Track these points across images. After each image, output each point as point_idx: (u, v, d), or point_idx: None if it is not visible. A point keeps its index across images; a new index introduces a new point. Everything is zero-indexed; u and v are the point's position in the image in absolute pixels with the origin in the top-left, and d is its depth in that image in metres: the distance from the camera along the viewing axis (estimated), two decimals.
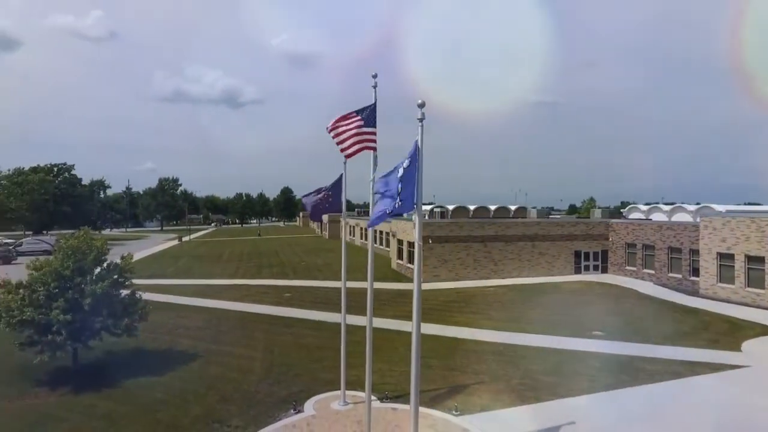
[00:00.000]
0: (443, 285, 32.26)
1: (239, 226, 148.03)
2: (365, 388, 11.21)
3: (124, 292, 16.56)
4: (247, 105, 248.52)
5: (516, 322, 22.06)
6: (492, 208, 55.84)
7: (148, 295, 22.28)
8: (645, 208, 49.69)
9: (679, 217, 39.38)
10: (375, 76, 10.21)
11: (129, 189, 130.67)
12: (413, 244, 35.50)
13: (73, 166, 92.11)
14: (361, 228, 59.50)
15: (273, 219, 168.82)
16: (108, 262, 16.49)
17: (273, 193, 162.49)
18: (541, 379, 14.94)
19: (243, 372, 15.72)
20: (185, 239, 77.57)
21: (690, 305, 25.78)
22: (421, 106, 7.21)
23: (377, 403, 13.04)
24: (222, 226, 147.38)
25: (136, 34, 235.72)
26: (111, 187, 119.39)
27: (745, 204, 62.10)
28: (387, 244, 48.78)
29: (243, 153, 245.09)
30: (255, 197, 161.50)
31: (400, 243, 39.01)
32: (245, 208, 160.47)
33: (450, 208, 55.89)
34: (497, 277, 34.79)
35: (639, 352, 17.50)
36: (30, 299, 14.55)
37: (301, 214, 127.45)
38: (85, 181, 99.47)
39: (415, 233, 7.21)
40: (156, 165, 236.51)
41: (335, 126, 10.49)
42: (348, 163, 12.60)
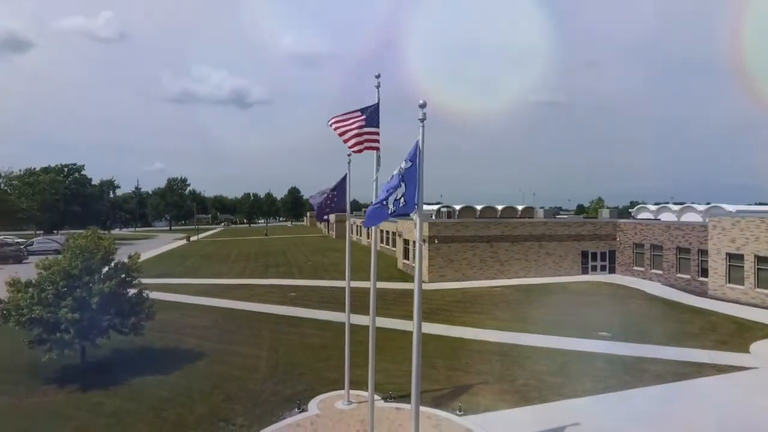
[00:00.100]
0: (449, 285, 32.22)
1: (247, 225, 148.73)
2: (368, 386, 11.22)
3: (131, 291, 16.74)
4: (255, 105, 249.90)
5: (521, 322, 22.00)
6: (499, 208, 55.74)
7: (156, 294, 22.47)
8: (654, 207, 49.36)
9: (689, 217, 39.05)
10: (378, 76, 10.23)
11: (138, 189, 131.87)
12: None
13: (83, 166, 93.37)
14: (368, 227, 59.50)
15: (281, 219, 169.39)
16: (116, 261, 16.69)
17: (280, 193, 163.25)
18: (546, 380, 14.89)
19: (248, 371, 15.81)
20: (193, 239, 78.10)
21: (698, 306, 25.55)
22: (422, 106, 7.23)
23: (381, 403, 13.08)
24: (230, 225, 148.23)
25: (145, 35, 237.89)
26: (120, 187, 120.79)
27: (756, 204, 61.50)
28: (393, 243, 48.80)
29: (251, 153, 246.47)
30: (263, 197, 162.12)
31: (406, 243, 39.01)
32: (253, 208, 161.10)
33: (457, 208, 55.85)
34: (503, 278, 34.68)
35: (645, 353, 17.39)
36: (39, 298, 14.71)
37: (309, 214, 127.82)
38: (95, 181, 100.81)
39: (416, 233, 7.23)
40: (165, 165, 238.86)
41: (336, 123, 10.51)
42: (352, 163, 12.68)
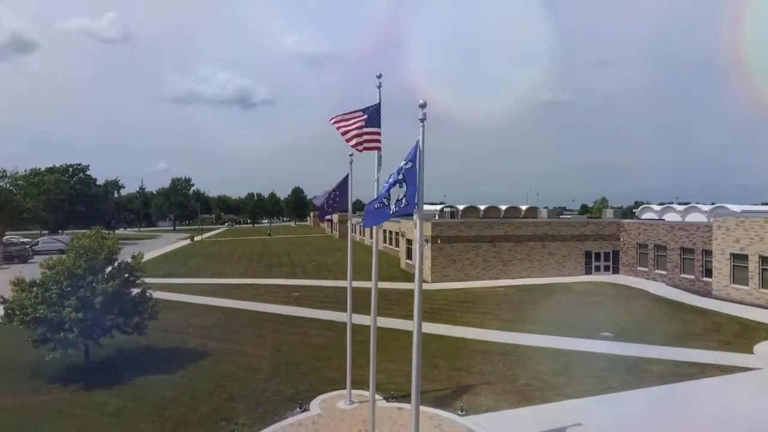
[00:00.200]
0: (452, 285, 32.20)
1: (251, 225, 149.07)
2: (369, 386, 11.24)
3: (134, 290, 16.82)
4: (259, 105, 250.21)
5: (524, 322, 21.96)
6: (502, 208, 55.61)
7: (160, 294, 22.56)
8: (658, 208, 49.08)
9: (693, 218, 38.84)
10: (379, 76, 10.25)
11: (142, 189, 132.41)
12: (422, 243, 35.59)
13: (88, 166, 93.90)
14: (371, 227, 59.54)
15: (284, 219, 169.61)
16: (119, 261, 16.77)
17: (284, 193, 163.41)
18: (549, 380, 14.87)
19: (251, 370, 15.86)
20: (197, 239, 78.34)
21: (702, 306, 25.44)
22: (423, 106, 7.24)
23: (383, 403, 13.10)
24: (234, 225, 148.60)
25: (149, 35, 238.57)
26: (125, 187, 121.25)
27: (762, 204, 61.09)
28: (396, 243, 48.80)
29: (255, 153, 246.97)
30: (266, 197, 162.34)
31: (409, 243, 39.00)
32: (257, 208, 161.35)
33: (460, 207, 55.77)
34: (506, 278, 34.63)
35: (648, 353, 17.33)
36: (43, 297, 14.82)
37: (312, 214, 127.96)
38: (100, 182, 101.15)
39: (416, 233, 7.24)
40: (169, 165, 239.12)
41: (338, 123, 10.55)
42: (355, 163, 12.71)
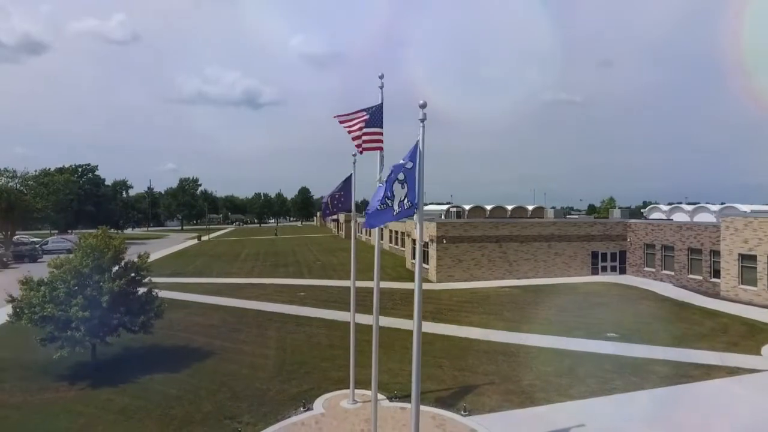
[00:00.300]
0: (457, 285, 32.16)
1: (257, 225, 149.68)
2: (372, 386, 11.27)
3: (141, 289, 16.97)
4: (267, 106, 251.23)
5: (529, 323, 21.90)
6: (509, 208, 55.42)
7: (166, 293, 22.72)
8: (666, 208, 48.66)
9: (702, 218, 38.47)
10: (381, 76, 10.29)
11: (151, 189, 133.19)
12: (428, 243, 35.59)
13: (97, 166, 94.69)
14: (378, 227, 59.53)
15: (291, 219, 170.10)
16: (125, 260, 16.92)
17: (291, 193, 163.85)
18: (553, 381, 14.82)
19: (255, 369, 15.95)
20: (204, 239, 78.78)
21: (709, 307, 25.22)
22: (423, 106, 7.26)
23: (386, 403, 13.13)
24: (242, 225, 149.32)
25: (158, 37, 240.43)
26: (133, 188, 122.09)
27: None
28: (402, 243, 48.82)
29: (262, 153, 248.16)
30: (273, 197, 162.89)
31: (414, 243, 39.01)
32: (264, 208, 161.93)
33: (466, 207, 55.67)
34: (512, 278, 34.53)
35: (653, 354, 17.22)
36: (51, 296, 14.97)
37: (319, 214, 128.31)
38: (109, 182, 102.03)
39: (416, 233, 7.26)
40: (177, 166, 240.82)
41: (342, 123, 10.64)
42: (361, 163, 12.75)
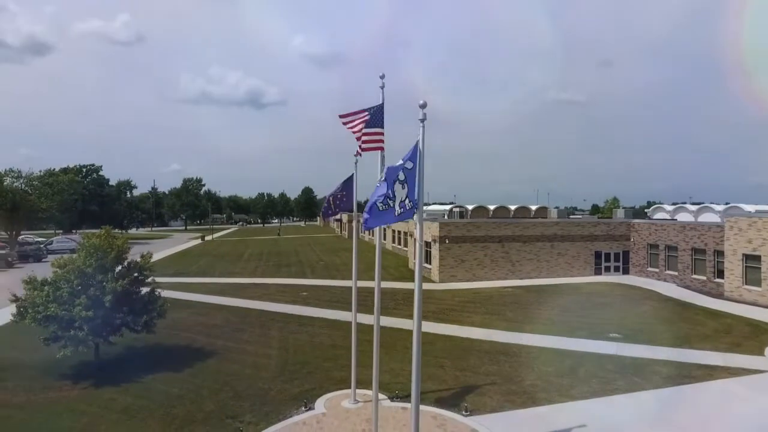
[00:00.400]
0: (460, 285, 32.14)
1: (261, 225, 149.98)
2: (372, 385, 11.29)
3: (144, 289, 17.04)
4: (270, 106, 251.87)
5: (532, 323, 21.87)
6: (512, 207, 55.37)
7: (169, 293, 22.82)
8: (670, 208, 48.54)
9: (706, 218, 38.35)
10: (382, 76, 10.31)
11: (155, 189, 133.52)
12: (430, 243, 35.58)
13: (101, 167, 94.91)
14: (379, 227, 59.56)
15: (294, 219, 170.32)
16: (128, 260, 16.99)
17: (294, 193, 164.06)
18: (554, 381, 14.80)
19: (257, 369, 15.99)
20: (208, 238, 78.99)
21: (713, 308, 25.12)
22: (423, 106, 7.26)
23: (388, 402, 13.15)
24: (246, 225, 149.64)
25: (161, 37, 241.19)
26: (137, 188, 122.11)
27: None
28: (405, 243, 48.82)
29: (265, 153, 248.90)
30: (276, 197, 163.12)
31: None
32: (267, 208, 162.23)
33: (469, 207, 55.65)
34: (515, 278, 34.48)
35: (655, 354, 17.17)
36: (54, 296, 15.04)
37: (322, 214, 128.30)
38: (113, 182, 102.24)
39: (416, 233, 7.27)
40: (181, 166, 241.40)
41: (345, 124, 10.69)
42: (360, 163, 12.75)
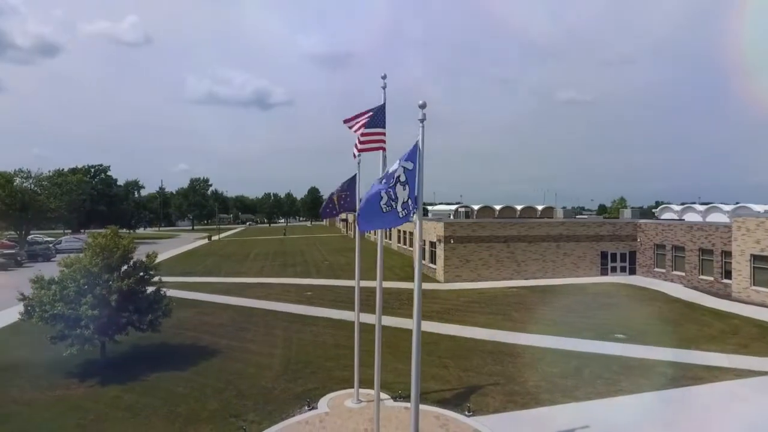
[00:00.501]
0: (465, 285, 32.09)
1: (267, 225, 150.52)
2: (374, 385, 11.32)
3: (149, 288, 17.17)
4: (277, 106, 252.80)
5: (537, 323, 21.79)
6: (518, 207, 55.18)
7: (176, 292, 22.94)
8: (678, 208, 48.16)
9: (715, 218, 38.02)
10: (384, 77, 10.33)
11: (162, 189, 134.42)
12: (435, 243, 35.55)
13: (109, 167, 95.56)
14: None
15: (300, 219, 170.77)
16: (134, 259, 17.13)
17: (300, 193, 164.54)
18: (558, 382, 14.75)
19: (261, 368, 16.06)
20: (214, 238, 79.36)
21: (720, 309, 24.91)
22: (422, 106, 7.28)
23: (390, 402, 13.17)
24: (254, 225, 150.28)
25: (169, 38, 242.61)
26: (145, 188, 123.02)
27: None
28: (410, 243, 48.80)
29: (272, 153, 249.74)
30: (283, 197, 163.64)
31: (422, 242, 38.97)
32: (273, 208, 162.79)
33: (475, 207, 55.53)
34: (520, 278, 34.37)
35: (661, 356, 17.07)
36: (61, 295, 15.20)
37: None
38: (121, 182, 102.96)
39: (416, 233, 7.28)
40: (188, 166, 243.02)
41: (351, 126, 10.78)
42: (362, 163, 12.78)
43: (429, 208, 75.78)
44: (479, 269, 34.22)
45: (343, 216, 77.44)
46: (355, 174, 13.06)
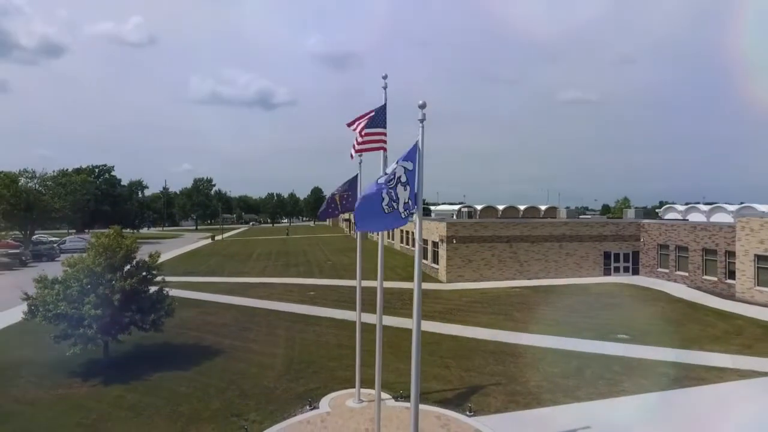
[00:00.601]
0: (467, 285, 32.07)
1: (270, 225, 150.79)
2: (375, 385, 11.33)
3: (152, 288, 17.23)
4: (280, 107, 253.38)
5: (539, 324, 21.76)
6: (521, 207, 55.04)
7: (179, 292, 23.00)
8: (682, 208, 47.94)
9: (719, 218, 37.84)
10: (385, 77, 10.33)
11: (166, 189, 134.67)
12: (437, 243, 35.53)
13: (113, 167, 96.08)
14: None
15: (303, 219, 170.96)
16: (137, 259, 17.19)
17: (303, 193, 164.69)
18: (560, 382, 14.72)
19: (263, 368, 16.10)
20: (218, 238, 79.56)
21: (724, 309, 24.81)
22: (422, 106, 7.28)
23: (392, 402, 13.19)
24: (257, 225, 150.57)
25: (173, 38, 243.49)
26: (148, 188, 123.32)
27: None
28: (413, 243, 48.76)
29: (275, 153, 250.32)
30: (286, 197, 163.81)
31: (424, 243, 38.99)
32: (277, 208, 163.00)
33: (478, 207, 55.43)
34: (523, 278, 34.32)
35: (664, 356, 17.01)
36: (64, 294, 15.28)
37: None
38: (125, 182, 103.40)
39: (416, 233, 7.29)
40: (192, 166, 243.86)
41: (354, 128, 10.83)
42: (364, 163, 12.79)
43: (432, 208, 75.72)
44: (482, 269, 34.18)
45: (346, 216, 77.45)
46: (357, 174, 13.06)
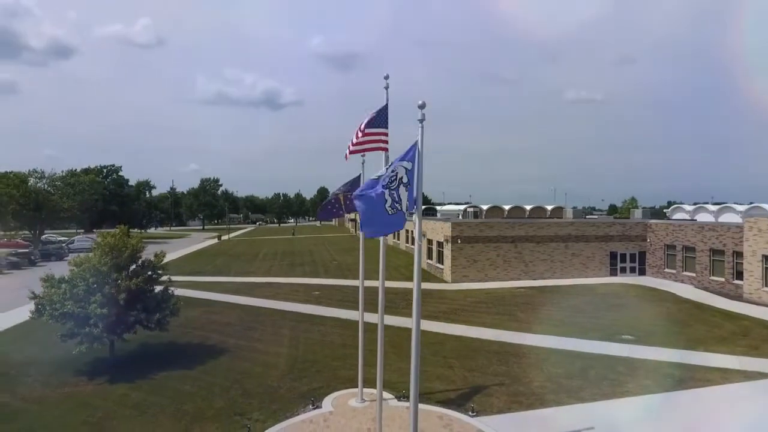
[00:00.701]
0: (472, 285, 32.01)
1: (277, 225, 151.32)
2: (377, 385, 11.36)
3: (157, 287, 17.35)
4: (287, 107, 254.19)
5: (543, 324, 21.68)
6: (527, 207, 54.90)
7: (185, 292, 23.13)
8: (690, 208, 47.60)
9: (727, 218, 37.52)
10: (387, 77, 10.36)
11: (173, 189, 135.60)
12: (442, 243, 35.49)
13: (121, 167, 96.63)
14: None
15: (310, 219, 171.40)
16: (143, 259, 17.32)
17: (310, 193, 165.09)
18: (563, 383, 14.67)
19: (267, 367, 16.18)
20: (224, 238, 79.92)
21: (731, 310, 24.59)
22: (422, 107, 7.30)
23: (394, 402, 13.21)
24: (265, 224, 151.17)
25: (181, 39, 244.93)
26: (156, 188, 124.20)
27: None
28: None
29: (282, 153, 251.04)
30: (292, 197, 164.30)
31: (429, 243, 38.95)
32: (283, 208, 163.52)
33: (484, 207, 55.35)
34: (528, 279, 34.20)
35: (669, 357, 16.90)
36: (71, 293, 15.43)
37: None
38: (132, 182, 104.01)
39: (416, 233, 7.31)
40: (199, 166, 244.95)
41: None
42: (366, 163, 12.83)
43: (438, 207, 75.71)
44: (487, 269, 34.11)
45: (352, 216, 77.53)
46: (360, 174, 13.09)
